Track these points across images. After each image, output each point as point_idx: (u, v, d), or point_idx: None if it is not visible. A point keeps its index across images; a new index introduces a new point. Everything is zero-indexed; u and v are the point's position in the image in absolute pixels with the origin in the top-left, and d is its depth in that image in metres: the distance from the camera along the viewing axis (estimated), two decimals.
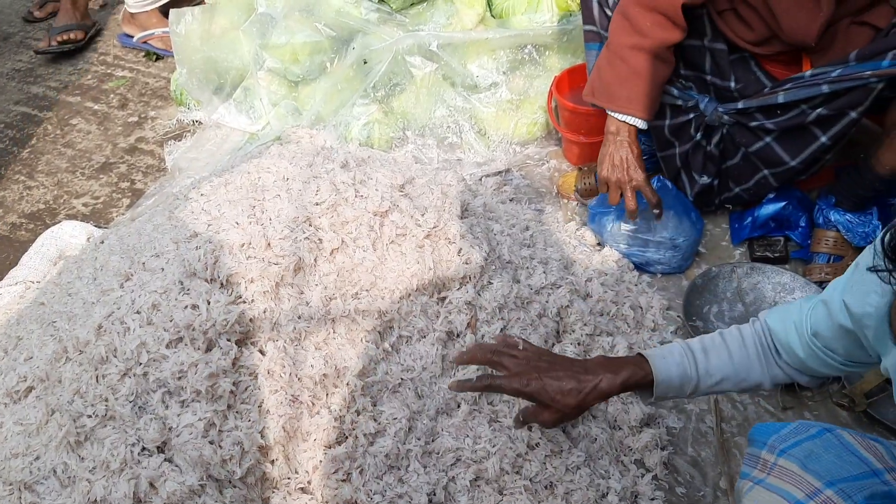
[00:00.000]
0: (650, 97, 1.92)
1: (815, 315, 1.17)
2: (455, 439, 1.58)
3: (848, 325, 1.08)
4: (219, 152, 2.73)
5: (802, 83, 1.79)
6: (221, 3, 2.78)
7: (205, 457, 1.37)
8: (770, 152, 1.96)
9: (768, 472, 0.98)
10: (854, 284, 1.05)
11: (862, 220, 1.95)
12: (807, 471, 0.94)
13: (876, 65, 1.67)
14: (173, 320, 1.43)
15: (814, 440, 0.99)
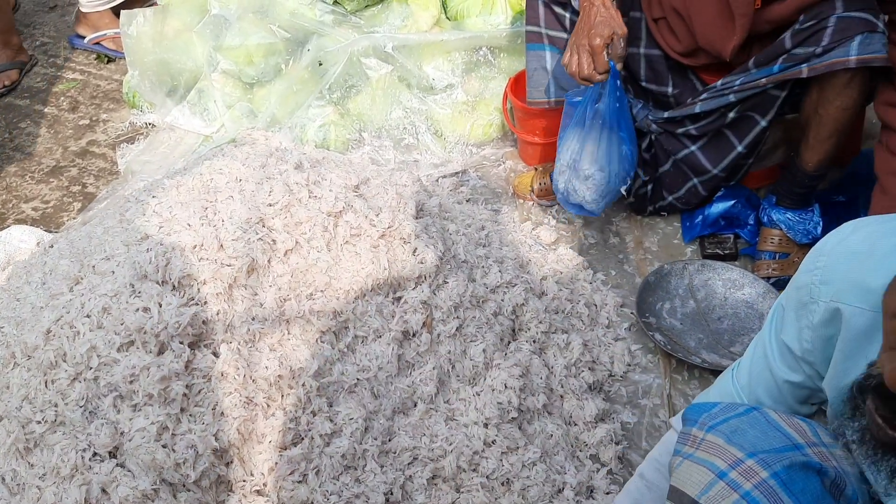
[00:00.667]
0: None
1: (752, 380, 1.18)
2: (412, 438, 1.59)
3: (793, 378, 1.11)
4: (172, 155, 2.70)
5: (714, 92, 1.91)
6: (174, 5, 2.75)
7: (158, 461, 1.35)
8: (695, 160, 2.07)
9: (696, 447, 1.01)
10: (787, 323, 1.09)
11: (803, 218, 2.01)
12: (731, 444, 0.98)
13: (769, 71, 1.78)
14: (124, 323, 1.42)
15: (740, 417, 1.03)
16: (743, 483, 0.93)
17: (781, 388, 1.14)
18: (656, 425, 1.78)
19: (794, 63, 1.73)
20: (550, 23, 2.09)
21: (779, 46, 1.75)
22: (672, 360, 1.91)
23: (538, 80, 2.18)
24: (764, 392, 1.17)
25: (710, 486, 0.96)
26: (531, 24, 2.14)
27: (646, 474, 1.28)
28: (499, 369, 1.70)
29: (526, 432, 1.67)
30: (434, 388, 1.64)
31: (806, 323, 1.04)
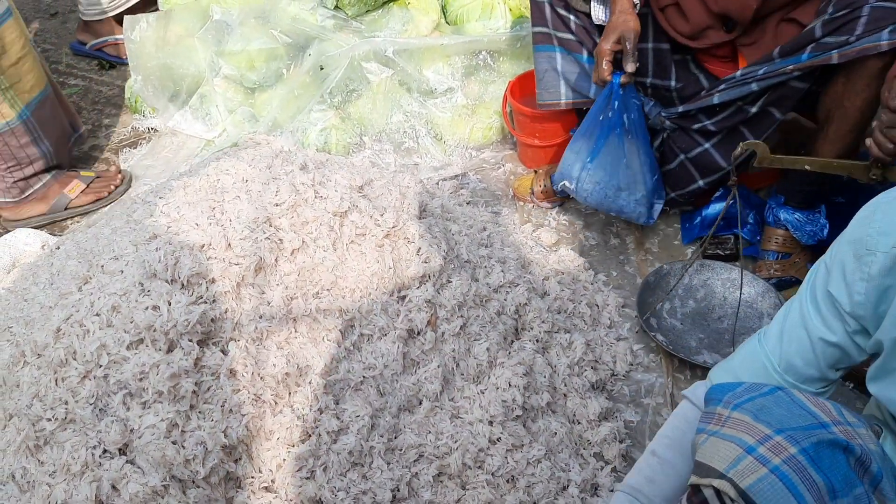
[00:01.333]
0: None
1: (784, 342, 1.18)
2: (417, 435, 1.60)
3: (830, 338, 1.11)
4: (175, 159, 2.72)
5: (734, 83, 1.86)
6: (176, 11, 2.77)
7: (167, 457, 1.36)
8: (708, 158, 2.04)
9: (722, 424, 1.02)
10: (834, 276, 1.09)
11: (810, 219, 2.01)
12: (758, 421, 0.99)
13: (796, 59, 1.75)
14: (134, 321, 1.43)
15: (766, 397, 1.04)
16: (772, 458, 0.95)
17: (815, 346, 1.14)
18: (659, 424, 1.80)
19: (824, 51, 1.70)
20: (557, 24, 2.11)
21: (807, 35, 1.73)
22: (674, 360, 1.92)
23: (549, 81, 2.18)
24: (796, 352, 1.16)
25: (739, 461, 0.96)
26: (539, 25, 2.14)
27: (658, 451, 1.28)
28: (503, 368, 1.72)
29: (530, 430, 1.69)
30: (439, 386, 1.66)
31: (860, 276, 1.04)
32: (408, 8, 2.70)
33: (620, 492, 1.28)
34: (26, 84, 2.26)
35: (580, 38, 2.09)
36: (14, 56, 2.20)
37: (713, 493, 0.99)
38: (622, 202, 2.10)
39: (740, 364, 1.25)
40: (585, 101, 2.16)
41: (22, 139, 2.30)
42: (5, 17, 2.16)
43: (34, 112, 2.30)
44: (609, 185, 2.08)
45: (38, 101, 2.32)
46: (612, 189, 2.09)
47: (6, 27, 2.16)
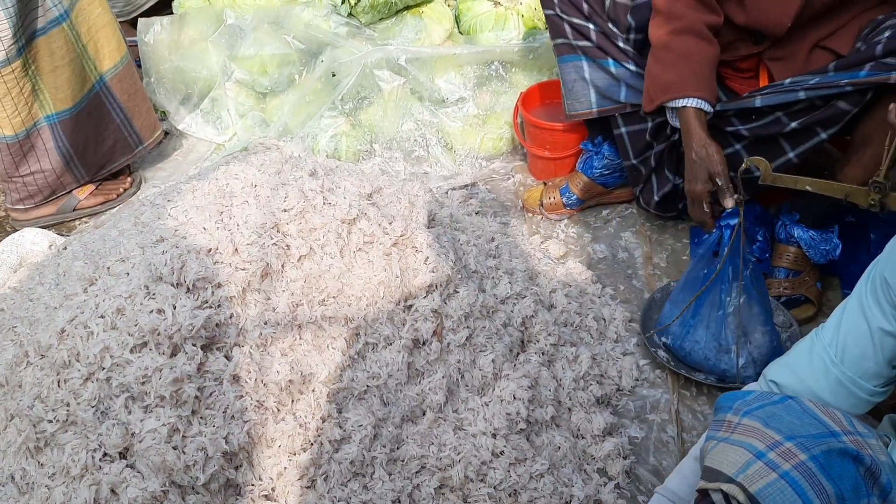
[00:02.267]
0: (704, 76, 1.83)
1: (843, 334, 1.16)
2: (420, 447, 1.59)
3: (887, 327, 1.10)
4: (185, 162, 2.72)
5: (781, 88, 1.80)
6: (190, 14, 2.78)
7: (168, 462, 1.36)
8: (738, 160, 1.98)
9: (732, 430, 1.02)
10: (890, 259, 1.09)
11: (824, 238, 1.99)
12: (768, 427, 0.99)
13: (853, 74, 1.70)
14: (138, 325, 1.42)
15: (776, 405, 1.04)
16: (782, 464, 0.95)
17: (874, 336, 1.12)
18: (664, 440, 1.78)
19: (883, 70, 1.65)
20: (576, 35, 2.10)
21: (867, 53, 1.69)
22: (680, 377, 1.91)
23: (579, 91, 2.14)
24: (854, 343, 1.15)
25: (748, 465, 0.97)
26: (560, 37, 2.12)
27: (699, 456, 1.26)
28: (508, 380, 1.71)
29: (534, 444, 1.67)
30: (443, 397, 1.64)
31: None
32: (421, 17, 2.71)
33: (659, 495, 1.27)
34: (61, 93, 2.29)
35: (601, 45, 2.08)
36: (52, 64, 2.24)
37: (721, 498, 0.99)
38: (724, 365, 1.83)
39: (796, 359, 1.23)
40: (616, 106, 2.12)
41: (48, 143, 2.32)
42: (51, 26, 2.21)
43: (63, 122, 2.32)
44: (709, 345, 1.83)
45: (73, 112, 2.34)
46: (712, 350, 1.83)
47: (51, 35, 2.21)
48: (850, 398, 1.17)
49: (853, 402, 1.17)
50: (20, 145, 2.27)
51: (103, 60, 2.39)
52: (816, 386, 1.19)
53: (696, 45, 1.84)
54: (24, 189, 2.37)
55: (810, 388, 1.19)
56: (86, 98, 2.37)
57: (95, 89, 2.39)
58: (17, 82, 2.16)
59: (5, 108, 2.18)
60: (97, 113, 2.41)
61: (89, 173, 2.48)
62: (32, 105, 2.24)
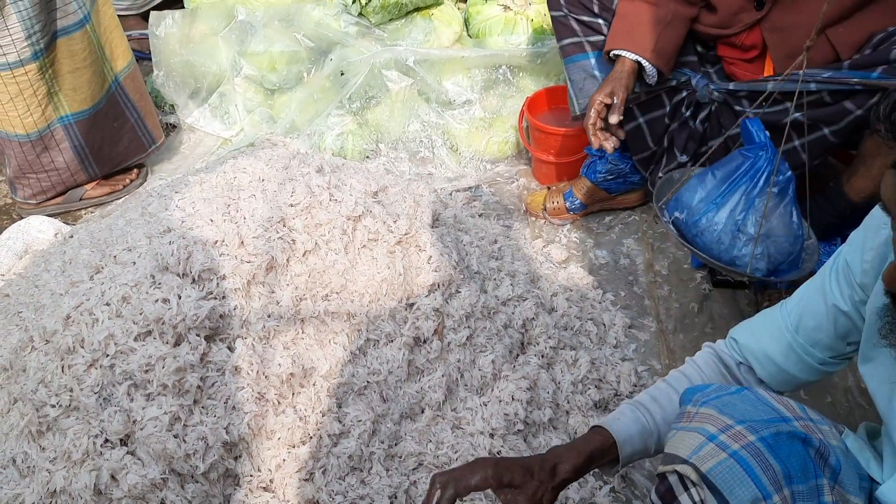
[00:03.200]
0: (634, 35, 1.96)
1: (801, 305, 1.24)
2: (418, 444, 1.60)
3: (842, 306, 1.16)
4: (191, 156, 2.73)
5: (794, 77, 1.78)
6: (202, 9, 2.79)
7: (168, 450, 1.37)
8: None
9: (690, 420, 1.08)
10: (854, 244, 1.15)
11: (827, 251, 1.99)
12: (722, 413, 1.05)
13: (865, 74, 1.72)
14: (143, 313, 1.44)
15: (733, 395, 1.09)
16: (731, 444, 1.00)
17: (829, 311, 1.19)
18: None
19: (895, 75, 1.67)
20: (586, 31, 2.11)
21: (881, 55, 1.71)
22: None
23: (589, 88, 2.14)
24: (811, 315, 1.22)
25: (701, 447, 1.02)
26: (568, 37, 2.13)
27: (668, 379, 1.33)
28: (507, 381, 1.72)
29: (531, 445, 1.68)
30: (442, 396, 1.66)
31: (870, 245, 1.11)
32: (431, 19, 2.72)
33: (623, 404, 1.32)
34: (79, 94, 2.30)
35: None
36: (72, 65, 2.25)
37: (677, 479, 1.05)
38: (736, 251, 1.78)
39: (760, 323, 1.31)
40: (632, 96, 2.14)
41: (61, 144, 2.34)
42: (74, 28, 2.22)
43: (80, 122, 2.34)
44: (727, 229, 1.78)
45: (89, 113, 2.35)
46: (728, 234, 1.78)
47: (74, 37, 2.22)
48: (800, 363, 1.24)
49: (802, 366, 1.25)
50: (32, 145, 2.28)
51: (117, 60, 2.41)
52: (770, 347, 1.27)
53: (633, 6, 1.97)
54: (38, 185, 2.38)
55: (764, 349, 1.27)
56: (104, 98, 2.39)
57: (112, 90, 2.41)
58: (31, 84, 2.17)
59: (17, 108, 2.19)
60: (113, 113, 2.43)
61: (103, 171, 2.49)
62: (46, 107, 2.24)
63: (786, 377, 1.28)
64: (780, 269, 1.81)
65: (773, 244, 1.77)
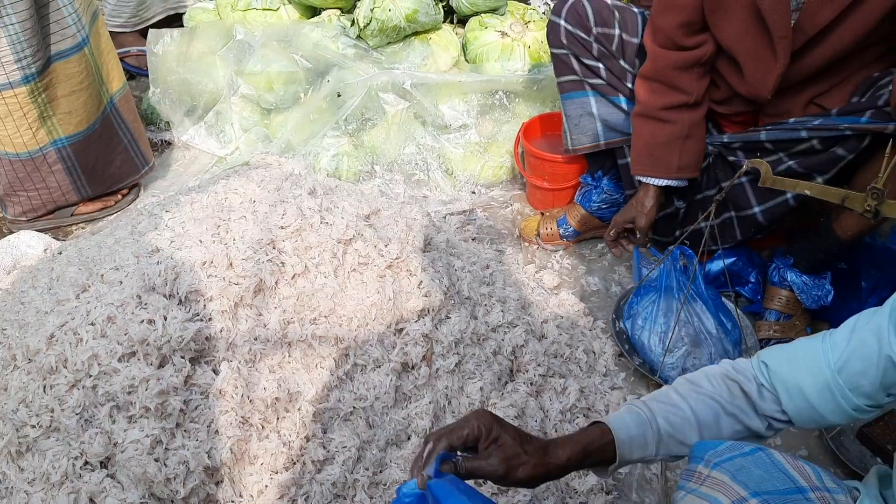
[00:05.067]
0: (653, 157, 2.00)
1: (852, 347, 1.14)
2: (403, 471, 1.58)
3: None
4: (185, 173, 2.73)
5: (785, 126, 1.85)
6: (200, 28, 2.80)
7: (149, 474, 1.35)
8: (741, 194, 2.01)
9: (701, 483, 1.02)
10: None
11: (817, 284, 2.00)
12: (736, 481, 0.98)
13: (854, 120, 1.73)
14: (128, 334, 1.42)
15: (746, 457, 1.03)
16: None
17: (881, 360, 1.10)
18: (647, 478, 1.77)
19: (883, 119, 1.68)
20: (587, 73, 2.12)
21: (870, 101, 1.72)
22: None
23: (585, 125, 2.19)
24: (859, 358, 1.12)
25: None
26: (567, 75, 2.15)
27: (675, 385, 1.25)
28: (495, 409, 1.70)
29: None
30: (429, 423, 1.64)
31: None
32: (429, 43, 2.73)
33: (626, 404, 1.26)
34: (75, 118, 2.30)
35: (612, 84, 2.10)
36: (69, 88, 2.24)
37: None
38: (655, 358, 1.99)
39: (799, 352, 1.20)
40: (624, 138, 2.15)
41: (54, 166, 2.33)
42: (72, 51, 2.21)
43: (74, 144, 2.33)
44: (652, 339, 2.01)
45: (84, 135, 2.35)
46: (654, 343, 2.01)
47: (71, 61, 2.22)
48: (833, 404, 1.15)
49: (834, 407, 1.16)
50: (23, 164, 2.27)
51: (113, 82, 2.41)
52: (804, 381, 1.17)
53: (649, 127, 2.00)
54: (28, 203, 2.37)
55: (798, 382, 1.18)
56: (99, 120, 2.38)
57: (107, 111, 2.41)
58: (21, 107, 2.15)
59: (6, 128, 2.18)
60: (107, 134, 2.43)
61: (95, 192, 2.49)
62: (38, 131, 2.23)
63: (813, 415, 1.18)
64: None
65: (691, 359, 1.95)
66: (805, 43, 1.74)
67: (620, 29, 2.05)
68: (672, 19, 1.86)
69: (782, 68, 1.78)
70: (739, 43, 1.83)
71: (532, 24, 2.81)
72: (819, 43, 1.73)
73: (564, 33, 2.07)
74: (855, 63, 1.78)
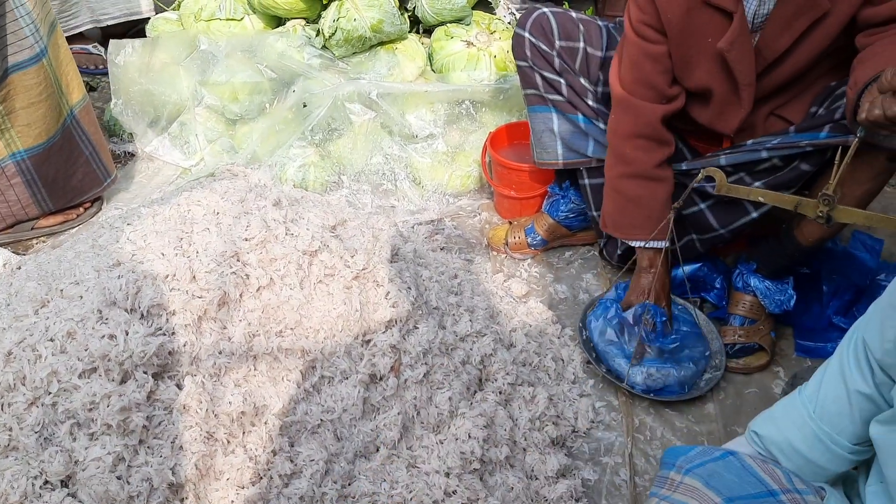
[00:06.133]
0: (653, 219, 1.94)
1: (822, 392, 1.17)
2: (372, 483, 1.57)
3: (863, 389, 1.10)
4: (149, 185, 2.69)
5: (744, 149, 1.87)
6: (163, 38, 2.78)
7: (111, 492, 1.32)
8: (702, 218, 2.04)
9: (674, 489, 1.03)
10: (872, 323, 1.10)
11: (779, 289, 2.02)
12: (709, 487, 1.00)
13: (814, 136, 1.75)
14: (88, 349, 1.40)
15: (717, 462, 1.05)
16: None
17: (851, 397, 1.12)
18: (616, 484, 1.78)
19: (842, 133, 1.70)
20: (547, 88, 2.12)
21: (827, 116, 1.74)
22: (635, 420, 1.92)
23: (547, 142, 2.18)
24: (832, 400, 1.15)
25: None
26: (530, 88, 2.15)
27: None
28: (464, 418, 1.70)
29: (487, 484, 1.66)
30: (398, 434, 1.63)
31: (892, 323, 1.05)
32: (395, 53, 2.73)
33: None
34: (34, 129, 2.25)
35: (572, 101, 2.11)
36: (27, 100, 2.20)
37: None
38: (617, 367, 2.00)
39: (781, 412, 1.23)
40: (583, 160, 2.16)
41: (13, 179, 2.28)
42: (30, 63, 2.17)
43: (34, 157, 2.28)
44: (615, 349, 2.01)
45: (44, 148, 2.30)
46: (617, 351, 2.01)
47: (29, 72, 2.17)
48: (828, 453, 1.17)
49: (830, 456, 1.17)
50: None
51: (73, 93, 2.37)
52: (794, 437, 1.19)
53: (646, 189, 1.94)
54: None
55: (788, 439, 1.19)
56: (59, 132, 2.34)
57: (67, 123, 2.37)
58: None
59: None
60: (68, 146, 2.38)
61: (57, 206, 2.44)
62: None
63: (814, 469, 1.18)
64: (667, 388, 1.96)
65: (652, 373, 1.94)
66: (765, 67, 1.77)
67: (585, 42, 2.06)
68: (652, 67, 1.84)
69: (746, 113, 1.82)
70: (706, 90, 1.84)
71: (498, 33, 2.82)
72: (778, 65, 1.76)
73: (529, 45, 2.08)
74: (812, 75, 1.81)
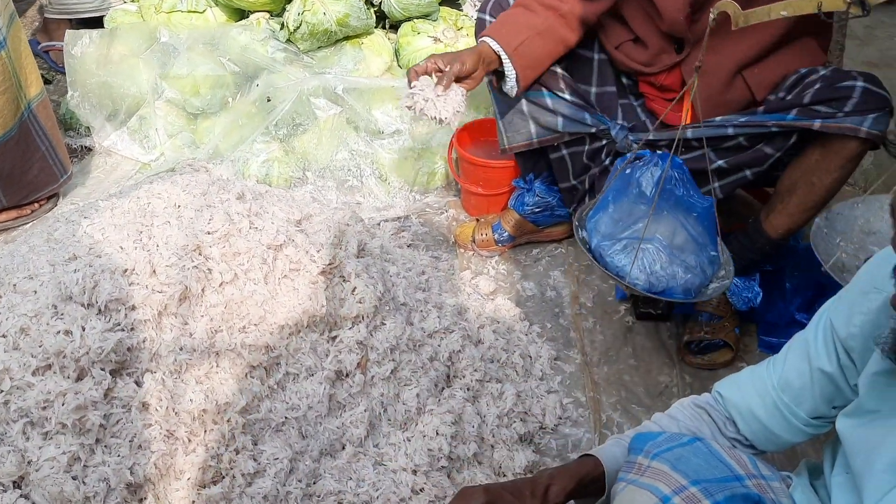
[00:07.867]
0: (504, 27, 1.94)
1: (787, 364, 1.21)
2: (338, 482, 1.54)
3: (826, 368, 1.14)
4: (107, 180, 2.63)
5: (711, 124, 1.87)
6: (122, 30, 2.71)
7: (66, 493, 1.28)
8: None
9: (641, 473, 1.05)
10: (840, 306, 1.14)
11: (746, 286, 2.03)
12: (675, 471, 1.02)
13: (781, 117, 1.77)
14: (42, 346, 1.35)
15: (685, 447, 1.07)
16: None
17: (813, 374, 1.16)
18: None
19: (809, 117, 1.71)
20: None
21: (796, 99, 1.76)
22: (602, 416, 1.91)
23: (517, 123, 2.15)
24: (796, 374, 1.19)
25: None
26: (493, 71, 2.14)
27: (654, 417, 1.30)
28: (431, 415, 1.68)
29: (455, 481, 1.64)
30: (364, 431, 1.61)
31: (860, 309, 1.08)
32: (361, 48, 2.71)
33: (611, 438, 1.30)
34: None
35: None
36: None
37: None
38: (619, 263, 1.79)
39: (746, 378, 1.28)
40: (555, 136, 2.14)
41: None
42: None
43: None
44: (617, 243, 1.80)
45: (1, 141, 2.23)
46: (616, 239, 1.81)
47: None
48: (785, 423, 1.21)
49: (787, 426, 1.22)
50: None
51: (30, 87, 2.31)
52: (754, 404, 1.24)
53: (520, 11, 1.96)
54: None
55: (749, 405, 1.24)
56: (16, 126, 2.27)
57: (24, 117, 2.30)
58: None
59: None
60: (24, 141, 2.32)
61: (11, 202, 2.37)
62: None
63: (769, 436, 1.24)
64: (670, 290, 1.76)
65: (653, 263, 1.75)
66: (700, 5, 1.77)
67: None
68: None
69: (678, 59, 1.84)
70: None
71: (465, 29, 2.81)
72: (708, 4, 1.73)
73: None
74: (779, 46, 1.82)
